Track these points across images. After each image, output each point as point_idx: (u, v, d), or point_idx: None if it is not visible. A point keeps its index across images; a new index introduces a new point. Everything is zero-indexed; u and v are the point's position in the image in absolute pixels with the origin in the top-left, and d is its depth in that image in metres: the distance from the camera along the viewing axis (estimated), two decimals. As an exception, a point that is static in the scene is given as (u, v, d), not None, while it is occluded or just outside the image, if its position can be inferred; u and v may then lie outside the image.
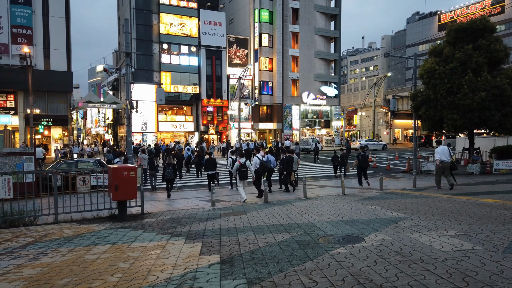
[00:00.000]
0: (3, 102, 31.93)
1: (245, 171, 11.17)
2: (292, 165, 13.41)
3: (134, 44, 38.93)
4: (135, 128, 36.69)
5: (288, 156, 13.32)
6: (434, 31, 71.54)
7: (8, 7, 30.72)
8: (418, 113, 19.03)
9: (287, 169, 13.18)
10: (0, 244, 6.66)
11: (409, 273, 4.48)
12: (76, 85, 71.26)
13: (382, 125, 55.72)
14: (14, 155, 12.84)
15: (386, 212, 8.64)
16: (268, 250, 5.68)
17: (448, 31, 18.86)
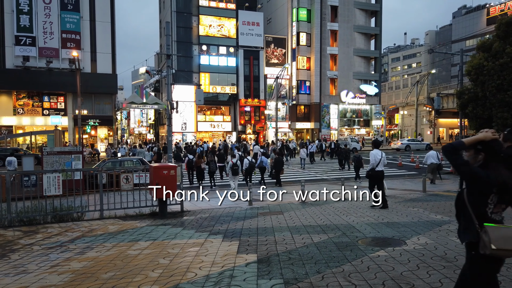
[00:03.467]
0: (54, 104, 33.85)
1: (236, 169, 13.34)
2: (282, 165, 16.01)
3: (175, 46, 39.94)
4: (175, 128, 37.64)
5: (278, 157, 16.05)
6: (482, 25, 67.85)
7: (58, 13, 32.54)
8: (464, 111, 18.18)
9: (276, 167, 15.68)
10: (50, 238, 7.07)
11: (455, 279, 4.27)
12: (120, 87, 74.31)
13: (426, 124, 53.57)
14: (63, 153, 13.59)
15: (430, 214, 8.31)
16: (305, 250, 5.64)
17: (498, 24, 17.85)
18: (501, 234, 2.39)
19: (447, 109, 48.10)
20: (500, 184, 2.51)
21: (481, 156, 2.64)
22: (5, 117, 32.40)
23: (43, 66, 32.03)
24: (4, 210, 8.28)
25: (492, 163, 2.60)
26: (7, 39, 31.49)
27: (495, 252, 2.38)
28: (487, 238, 2.40)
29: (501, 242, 2.36)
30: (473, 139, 2.70)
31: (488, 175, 2.53)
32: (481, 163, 2.64)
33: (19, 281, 4.72)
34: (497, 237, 2.37)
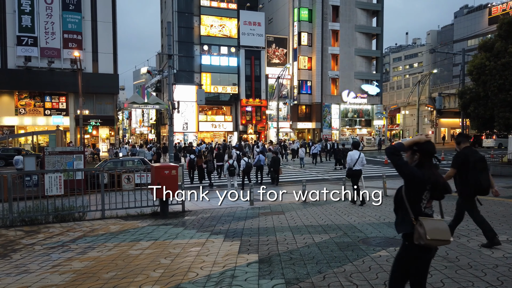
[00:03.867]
0: (55, 104, 33.91)
1: (233, 170, 13.52)
2: (279, 164, 16.45)
3: (176, 46, 39.97)
4: (176, 128, 37.65)
5: (275, 157, 16.45)
6: (484, 25, 67.70)
7: (60, 13, 32.58)
8: (466, 111, 18.14)
9: (273, 167, 16.04)
10: (52, 238, 7.08)
11: (456, 279, 4.28)
12: (121, 87, 74.45)
13: (427, 124, 53.49)
14: (65, 153, 13.61)
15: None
16: (307, 250, 5.63)
17: (500, 24, 17.80)
18: (434, 226, 2.69)
19: (448, 109, 48.02)
20: (432, 182, 2.80)
21: (417, 156, 2.91)
22: (7, 117, 32.47)
23: (45, 66, 32.09)
24: (6, 210, 8.30)
25: (426, 163, 2.87)
26: (9, 39, 31.55)
27: (429, 242, 2.67)
28: (422, 230, 2.68)
29: (434, 233, 2.66)
30: (410, 141, 2.97)
31: (423, 174, 2.81)
32: (417, 162, 2.91)
33: (21, 281, 4.73)
34: (431, 229, 2.67)
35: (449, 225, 5.73)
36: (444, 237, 2.71)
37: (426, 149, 2.88)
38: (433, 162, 2.90)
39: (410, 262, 2.85)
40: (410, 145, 2.96)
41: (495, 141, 37.99)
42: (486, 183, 5.56)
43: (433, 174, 2.83)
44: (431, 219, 2.77)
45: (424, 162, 2.88)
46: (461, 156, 5.72)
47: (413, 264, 2.84)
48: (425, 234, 2.66)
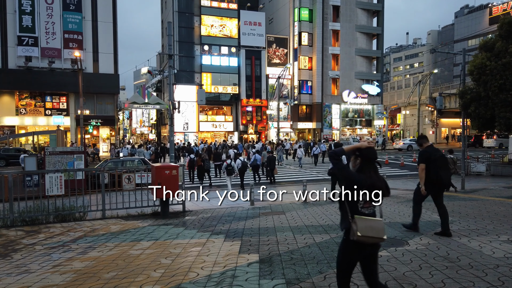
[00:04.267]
0: (56, 104, 33.93)
1: (231, 169, 13.99)
2: (275, 162, 17.11)
3: (177, 46, 39.98)
4: (177, 128, 37.67)
5: (271, 156, 17.15)
6: (484, 25, 67.66)
7: (60, 13, 32.59)
8: (467, 111, 18.10)
9: (271, 166, 16.63)
10: (53, 238, 7.08)
11: (457, 279, 4.27)
12: (122, 87, 74.50)
13: (428, 124, 53.46)
14: (66, 153, 13.61)
15: (432, 215, 8.28)
16: (307, 250, 5.63)
17: (501, 24, 17.78)
18: (365, 224, 2.96)
19: (449, 109, 47.99)
20: (368, 185, 3.04)
21: (359, 160, 3.17)
22: (8, 117, 32.49)
23: (45, 66, 32.10)
24: (6, 210, 8.30)
25: (366, 167, 3.13)
26: (9, 40, 31.56)
27: (359, 238, 2.93)
28: (355, 227, 2.95)
29: (365, 231, 2.92)
30: (351, 147, 3.24)
31: (360, 177, 3.08)
32: (358, 166, 3.17)
33: (22, 281, 4.73)
34: (362, 227, 2.93)
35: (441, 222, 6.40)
36: (376, 235, 2.94)
37: (366, 155, 3.13)
38: (373, 166, 3.15)
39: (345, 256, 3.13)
40: (352, 150, 3.24)
41: (495, 141, 37.97)
42: (446, 178, 6.24)
43: (370, 177, 3.09)
44: (366, 218, 3.02)
45: (364, 166, 3.13)
46: (424, 153, 6.38)
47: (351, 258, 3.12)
48: (357, 231, 2.92)
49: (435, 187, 6.26)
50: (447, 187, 6.43)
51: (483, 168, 18.08)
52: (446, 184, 6.32)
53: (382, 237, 2.98)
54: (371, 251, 3.11)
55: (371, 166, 3.14)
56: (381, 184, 3.11)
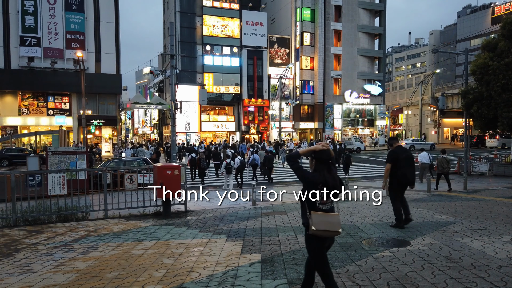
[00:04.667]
0: (58, 104, 34.01)
1: (230, 168, 14.45)
2: (272, 162, 17.53)
3: (179, 47, 40.00)
4: (179, 128, 37.72)
5: (268, 155, 17.37)
6: (487, 25, 67.46)
7: (63, 14, 32.68)
8: (469, 111, 18.05)
9: (268, 165, 16.96)
10: (55, 238, 7.10)
11: (460, 280, 4.26)
12: (124, 87, 74.60)
13: (430, 124, 53.32)
14: (68, 153, 13.65)
15: (434, 215, 8.26)
16: (309, 251, 5.62)
17: (504, 24, 17.71)
18: (320, 219, 3.21)
19: (451, 109, 47.86)
20: (321, 183, 3.32)
21: (314, 161, 3.47)
22: (10, 117, 32.60)
23: (48, 66, 32.20)
24: (9, 210, 8.33)
25: (319, 168, 3.41)
26: (12, 40, 31.67)
27: (314, 232, 3.20)
28: (311, 222, 3.21)
29: (320, 225, 3.18)
30: (306, 150, 3.56)
31: (314, 176, 3.38)
32: (314, 166, 3.47)
33: (24, 280, 4.74)
34: (317, 221, 3.19)
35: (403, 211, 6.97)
36: (331, 229, 3.22)
37: (319, 157, 3.42)
38: (327, 166, 3.41)
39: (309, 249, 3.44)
40: (307, 152, 3.56)
41: (498, 141, 37.85)
42: (411, 176, 6.76)
43: (323, 176, 3.36)
44: (322, 213, 3.27)
45: (318, 166, 3.42)
46: (393, 154, 6.89)
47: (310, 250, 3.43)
48: (311, 226, 3.20)
49: (401, 183, 6.80)
50: (411, 184, 6.91)
51: (485, 168, 18.02)
52: (411, 182, 6.83)
53: (337, 231, 3.24)
54: (328, 243, 3.42)
55: (325, 166, 3.40)
56: (334, 182, 3.38)
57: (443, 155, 13.40)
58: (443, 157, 13.27)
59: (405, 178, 6.72)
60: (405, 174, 6.71)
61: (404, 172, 6.70)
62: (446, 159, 13.31)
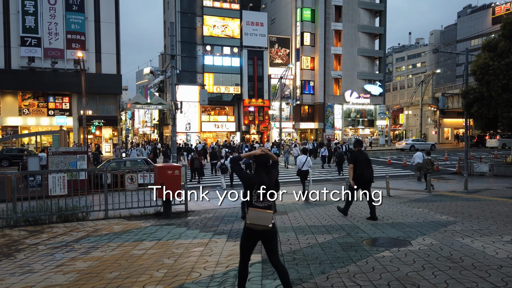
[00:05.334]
0: (59, 104, 34.03)
1: (225, 168, 14.89)
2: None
3: (179, 47, 40.00)
4: (179, 128, 37.75)
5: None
6: (487, 25, 67.45)
7: (63, 14, 32.70)
8: (470, 111, 18.02)
9: None
10: (56, 238, 7.10)
11: (460, 280, 4.26)
12: (124, 87, 74.45)
13: (430, 124, 53.31)
14: (68, 154, 13.65)
15: (435, 215, 8.26)
16: (310, 251, 5.62)
17: (504, 24, 17.69)
18: (254, 215, 3.64)
19: (452, 109, 47.84)
20: (258, 183, 3.72)
21: (254, 164, 3.86)
22: (11, 118, 32.61)
23: (48, 66, 32.21)
24: (10, 210, 8.33)
25: (258, 169, 3.82)
26: (12, 40, 31.69)
27: (248, 225, 3.66)
28: (247, 216, 3.67)
29: (253, 219, 3.62)
30: (247, 154, 3.99)
31: (252, 177, 3.80)
32: (254, 169, 3.85)
33: (25, 281, 4.75)
34: (251, 216, 3.63)
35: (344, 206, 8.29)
36: (262, 223, 3.63)
37: (258, 160, 3.84)
38: (264, 169, 3.81)
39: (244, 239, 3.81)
40: (248, 156, 3.96)
41: (498, 141, 37.84)
42: (368, 175, 7.96)
43: (260, 177, 3.76)
44: (257, 209, 3.68)
45: (257, 169, 3.83)
46: (353, 156, 8.21)
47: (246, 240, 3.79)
48: (246, 220, 3.66)
49: (361, 181, 7.89)
50: (369, 181, 8.01)
51: (486, 168, 18.01)
52: (368, 180, 7.98)
53: (268, 225, 3.65)
54: (265, 236, 3.75)
55: (263, 169, 3.81)
56: (269, 183, 3.77)
57: (427, 157, 13.73)
58: (427, 158, 13.62)
59: (362, 176, 7.90)
60: (362, 173, 7.91)
61: (361, 171, 7.91)
62: (431, 161, 13.64)
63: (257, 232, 3.70)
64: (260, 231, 3.68)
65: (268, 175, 3.79)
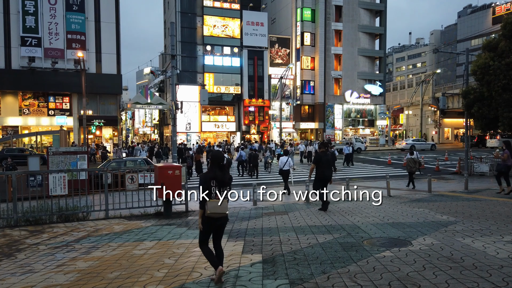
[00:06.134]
0: (59, 104, 34.02)
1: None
2: (257, 159, 19.19)
3: (179, 47, 39.98)
4: (179, 128, 37.75)
5: (252, 153, 19.04)
6: (488, 25, 67.43)
7: (63, 14, 32.69)
8: (470, 111, 18.03)
9: (253, 162, 18.65)
10: (56, 238, 7.10)
11: (461, 280, 4.26)
12: (125, 87, 74.44)
13: (431, 124, 53.29)
14: (69, 153, 13.65)
15: (435, 215, 8.26)
16: (310, 251, 5.62)
17: (504, 23, 17.70)
18: (213, 205, 4.27)
19: (452, 109, 47.84)
20: (211, 178, 4.42)
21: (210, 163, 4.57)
22: (11, 118, 32.61)
23: (49, 66, 32.20)
24: (10, 210, 8.33)
25: (212, 166, 4.51)
26: (13, 40, 31.68)
27: (209, 214, 4.28)
28: (207, 207, 4.28)
29: (212, 209, 4.27)
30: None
31: (207, 174, 4.50)
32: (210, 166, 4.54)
33: (26, 281, 4.75)
34: (210, 207, 4.26)
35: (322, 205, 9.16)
36: (220, 211, 4.30)
37: (213, 159, 4.53)
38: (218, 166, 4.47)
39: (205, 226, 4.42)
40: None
41: (499, 141, 37.80)
42: (328, 174, 9.24)
43: (213, 172, 4.44)
44: (214, 200, 4.31)
45: (211, 166, 4.52)
46: (317, 157, 9.52)
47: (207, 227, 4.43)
48: (207, 210, 4.26)
49: (321, 178, 9.15)
50: (328, 179, 9.27)
51: (486, 168, 17.99)
52: (328, 178, 9.24)
53: (225, 213, 4.37)
54: (221, 222, 4.46)
55: (216, 166, 4.47)
56: (222, 178, 4.45)
57: (411, 156, 14.01)
58: (411, 157, 13.90)
59: (323, 174, 9.13)
60: (323, 172, 9.13)
61: (322, 171, 9.12)
62: (414, 160, 13.93)
63: (216, 219, 4.37)
64: (218, 218, 4.37)
65: (221, 171, 4.48)
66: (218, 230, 4.52)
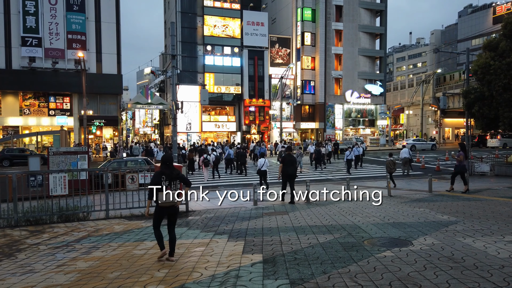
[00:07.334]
0: (59, 104, 34.03)
1: (207, 161, 17.60)
2: (245, 158, 20.35)
3: (180, 47, 39.99)
4: (180, 128, 37.74)
5: (239, 151, 20.21)
6: (488, 24, 67.38)
7: (64, 14, 32.70)
8: (470, 111, 18.02)
9: (241, 160, 19.80)
10: (57, 238, 7.10)
11: (462, 280, 4.25)
12: (125, 87, 74.42)
13: (431, 124, 53.23)
14: (69, 154, 13.65)
15: (436, 215, 8.25)
16: (311, 251, 5.62)
17: (505, 23, 17.67)
18: (163, 197, 5.18)
19: (453, 108, 47.77)
20: (162, 174, 5.27)
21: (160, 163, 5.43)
22: (12, 118, 32.62)
23: (49, 67, 32.21)
24: (10, 210, 8.33)
25: (162, 165, 5.39)
26: (13, 40, 31.70)
27: (160, 204, 5.24)
28: (158, 199, 5.20)
29: (161, 200, 5.19)
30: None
31: (158, 172, 5.39)
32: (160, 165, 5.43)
33: (26, 281, 4.75)
34: (161, 198, 5.19)
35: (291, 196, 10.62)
36: (170, 201, 5.24)
37: (163, 160, 5.50)
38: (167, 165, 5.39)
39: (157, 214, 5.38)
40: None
41: (499, 141, 37.80)
42: (292, 172, 10.94)
43: (165, 169, 5.33)
44: (165, 192, 5.21)
45: (161, 165, 5.42)
46: (283, 157, 11.31)
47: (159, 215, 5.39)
48: (159, 201, 5.20)
49: (286, 175, 10.88)
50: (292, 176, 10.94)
51: (487, 168, 17.98)
52: (291, 175, 10.91)
53: (174, 202, 5.30)
54: (172, 211, 5.38)
55: (166, 165, 5.37)
56: (171, 174, 5.32)
57: (390, 158, 14.17)
58: (390, 159, 14.06)
59: (287, 172, 10.84)
60: (287, 170, 10.85)
61: (287, 169, 10.84)
62: (393, 161, 14.05)
63: (167, 207, 5.29)
64: (168, 207, 5.28)
65: (169, 169, 5.35)
66: (171, 217, 5.41)
